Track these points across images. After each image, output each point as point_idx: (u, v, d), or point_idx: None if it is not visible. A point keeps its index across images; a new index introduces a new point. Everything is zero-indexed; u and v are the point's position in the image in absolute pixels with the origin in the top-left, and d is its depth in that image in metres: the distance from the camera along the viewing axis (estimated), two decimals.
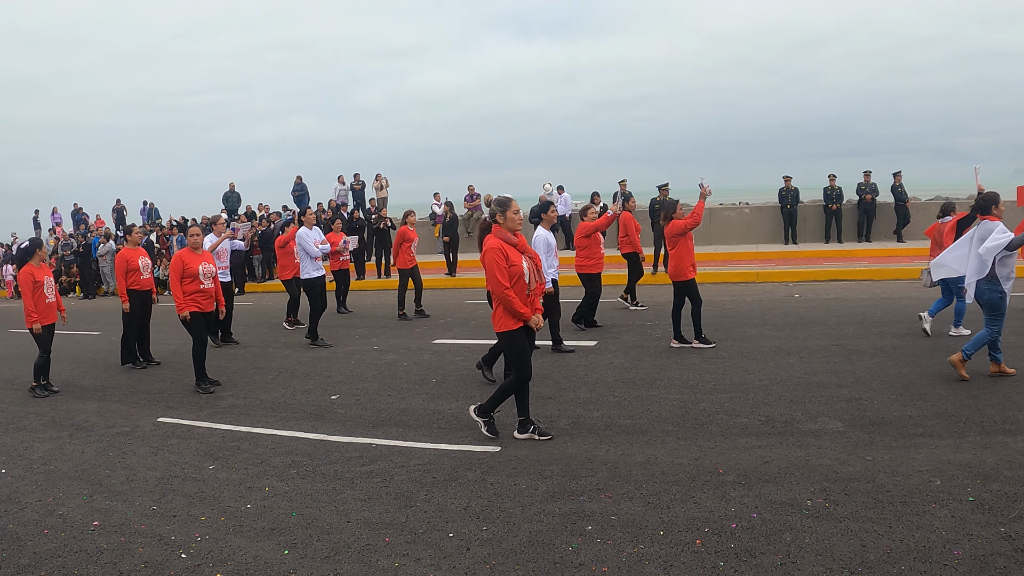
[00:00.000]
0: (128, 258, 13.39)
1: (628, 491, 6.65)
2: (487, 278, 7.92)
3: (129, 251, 13.53)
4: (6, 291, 33.53)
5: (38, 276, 11.48)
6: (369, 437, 8.57)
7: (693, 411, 8.79)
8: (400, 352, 13.14)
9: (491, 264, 7.76)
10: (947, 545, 5.45)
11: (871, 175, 25.50)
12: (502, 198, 8.06)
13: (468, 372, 11.06)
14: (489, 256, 7.80)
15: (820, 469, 6.90)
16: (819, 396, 9.13)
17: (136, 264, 13.37)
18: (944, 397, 8.88)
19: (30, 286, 11.40)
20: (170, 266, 11.50)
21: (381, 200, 30.39)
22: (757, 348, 11.87)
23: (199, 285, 11.50)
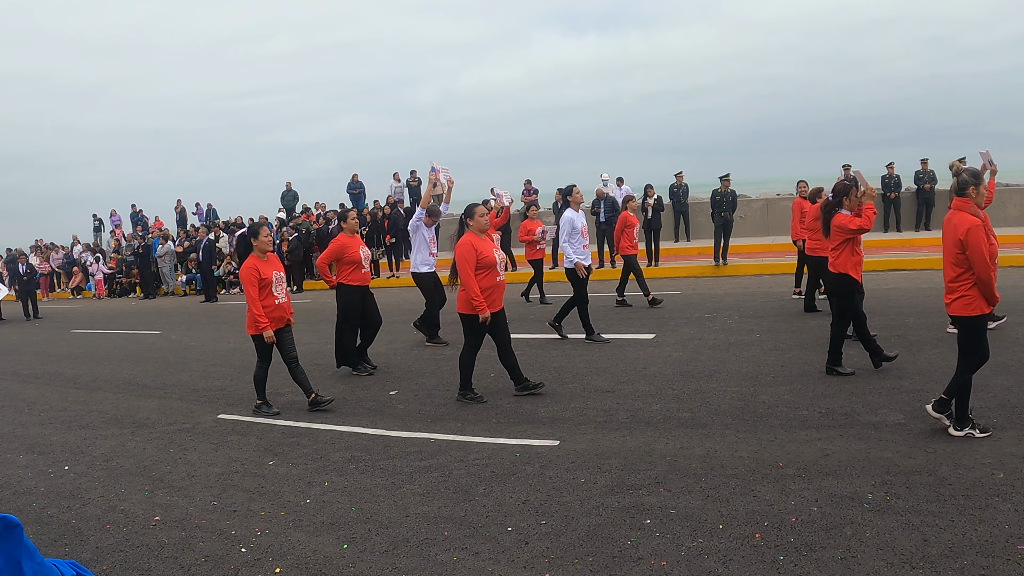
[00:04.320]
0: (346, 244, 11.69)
1: (687, 484, 6.64)
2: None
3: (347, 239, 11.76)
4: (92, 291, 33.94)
5: (264, 272, 9.59)
6: (428, 432, 8.63)
7: (752, 404, 8.75)
8: (457, 347, 13.15)
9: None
10: (1010, 539, 5.38)
11: (928, 163, 25.21)
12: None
13: (525, 367, 11.06)
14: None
15: (881, 462, 6.83)
16: (880, 388, 9.04)
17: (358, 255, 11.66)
18: (1006, 388, 8.75)
19: (255, 283, 9.55)
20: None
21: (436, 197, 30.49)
22: (817, 339, 11.77)
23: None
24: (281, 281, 9.76)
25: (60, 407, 11.28)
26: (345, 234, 11.68)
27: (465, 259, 9.26)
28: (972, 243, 6.98)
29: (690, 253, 24.40)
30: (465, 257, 9.27)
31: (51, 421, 10.46)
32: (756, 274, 20.58)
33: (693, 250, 24.74)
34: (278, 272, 9.75)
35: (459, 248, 9.37)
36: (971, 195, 7.22)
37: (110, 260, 34.72)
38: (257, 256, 9.62)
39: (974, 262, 7.01)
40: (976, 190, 7.21)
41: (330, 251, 11.58)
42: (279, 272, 9.78)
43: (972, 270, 7.05)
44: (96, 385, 12.70)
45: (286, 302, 9.84)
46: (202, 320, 20.87)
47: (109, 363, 14.75)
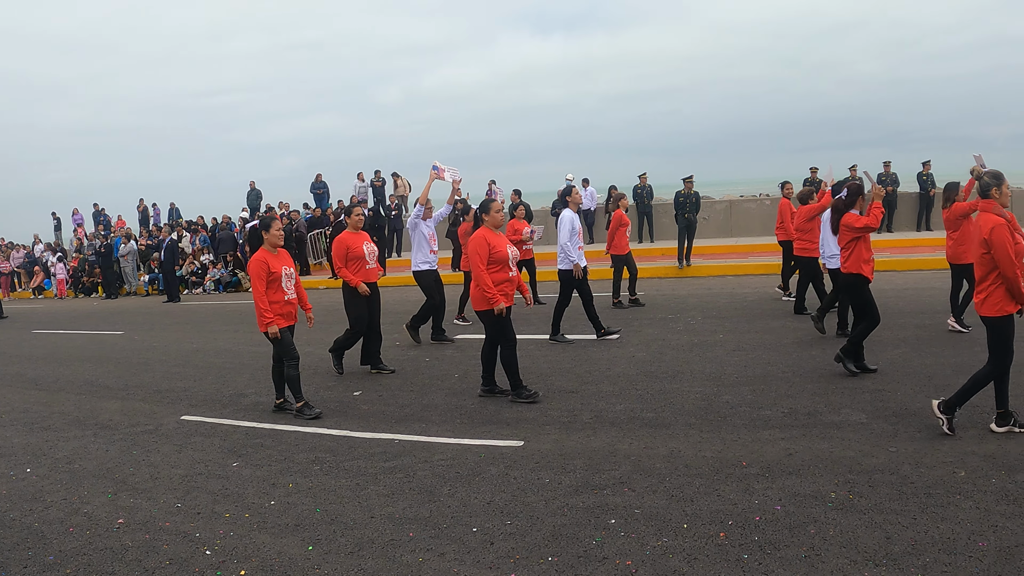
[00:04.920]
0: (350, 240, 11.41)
1: (651, 484, 6.65)
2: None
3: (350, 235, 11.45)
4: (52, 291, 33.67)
5: (274, 266, 9.33)
6: (392, 433, 8.60)
7: (716, 404, 8.79)
8: (422, 348, 13.18)
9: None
10: (972, 537, 5.43)
11: (891, 165, 25.49)
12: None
13: None
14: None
15: (844, 461, 6.88)
16: (842, 387, 9.12)
17: (362, 251, 11.32)
18: None
19: (263, 277, 9.27)
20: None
21: (401, 198, 30.50)
22: (780, 340, 11.87)
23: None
24: (291, 276, 9.54)
25: (21, 408, 11.15)
26: (349, 230, 11.44)
27: (477, 253, 9.24)
28: (997, 242, 7.06)
29: (654, 254, 24.45)
30: (477, 251, 9.25)
31: (12, 423, 10.33)
32: (719, 275, 20.67)
33: (657, 251, 24.81)
34: (288, 267, 9.52)
35: (472, 242, 9.38)
36: (995, 196, 7.36)
37: (72, 259, 34.43)
38: (267, 250, 9.42)
39: (999, 261, 7.08)
40: (999, 191, 7.35)
41: (336, 251, 11.35)
42: (289, 267, 9.56)
43: (998, 270, 7.12)
44: (58, 386, 12.56)
45: (295, 298, 9.64)
46: (165, 321, 20.72)
47: (71, 364, 14.60)
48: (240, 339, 15.71)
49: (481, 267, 9.20)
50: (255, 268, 9.23)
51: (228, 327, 18.13)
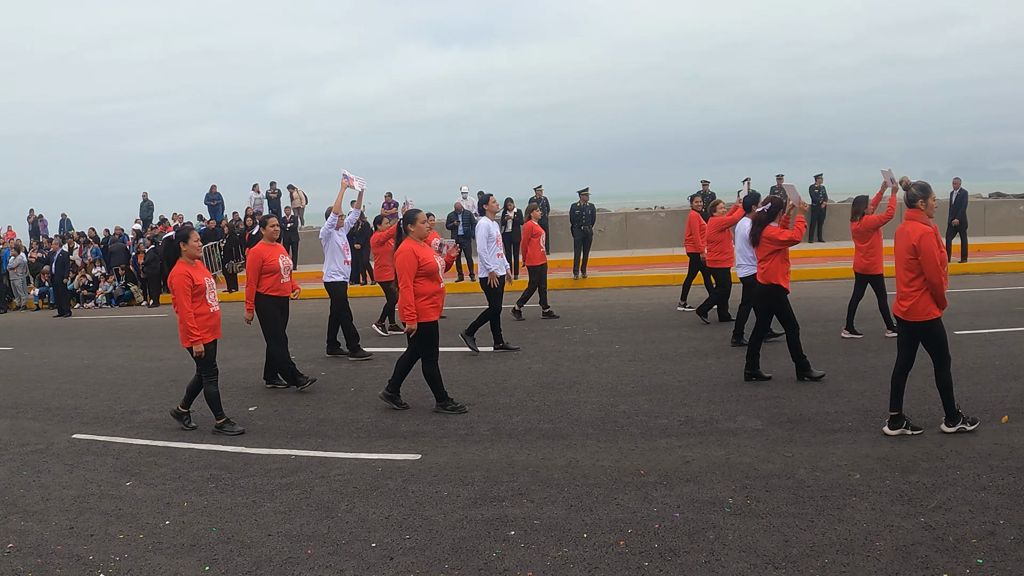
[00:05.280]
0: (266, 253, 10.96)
1: (550, 495, 6.62)
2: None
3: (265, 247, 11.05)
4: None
5: (197, 278, 8.94)
6: (288, 448, 8.43)
7: (613, 414, 8.80)
8: (317, 361, 12.97)
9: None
10: (869, 537, 5.52)
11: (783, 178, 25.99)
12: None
13: (385, 380, 10.91)
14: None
15: (741, 467, 6.94)
16: (738, 395, 9.22)
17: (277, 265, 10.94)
18: (860, 393, 9.03)
19: (187, 291, 8.88)
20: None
21: (297, 210, 30.22)
22: (676, 350, 11.96)
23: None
24: (213, 288, 9.17)
25: None
26: (264, 242, 11.04)
27: (405, 267, 8.99)
28: (924, 249, 7.29)
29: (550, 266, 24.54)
30: (405, 265, 8.99)
31: None
32: (615, 287, 20.84)
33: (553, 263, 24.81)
34: (209, 279, 9.15)
35: (399, 256, 9.10)
36: (921, 207, 7.53)
37: None
38: (186, 262, 8.98)
39: (926, 267, 7.31)
40: (925, 202, 7.53)
41: (251, 263, 10.90)
42: (210, 279, 9.18)
43: (924, 275, 7.36)
44: None
45: (219, 310, 9.23)
46: (55, 336, 20.13)
47: None
48: (133, 355, 15.30)
49: (408, 282, 8.97)
50: (179, 282, 8.85)
51: (121, 342, 17.66)
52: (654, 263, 23.82)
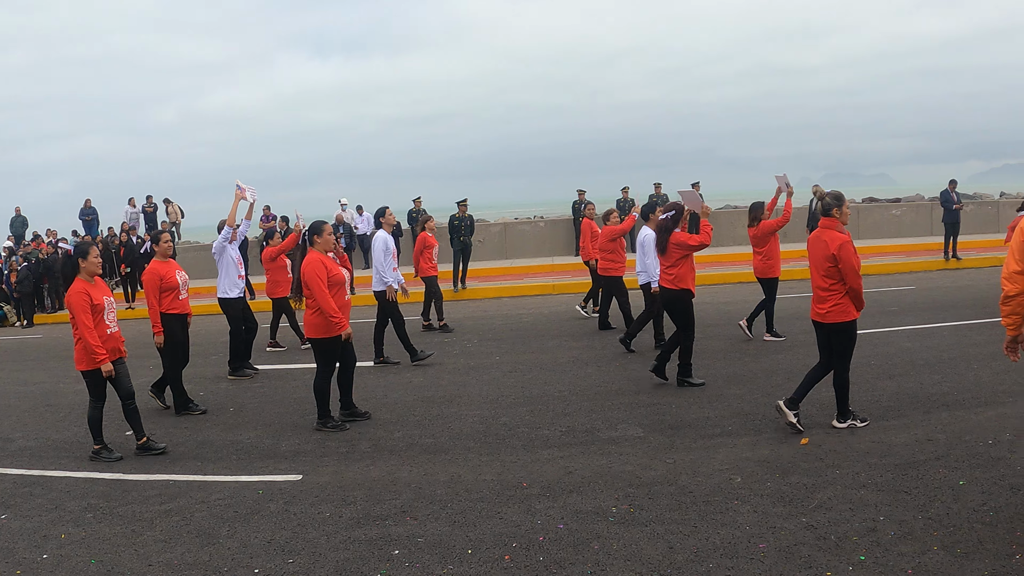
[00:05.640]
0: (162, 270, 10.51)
1: (434, 511, 6.51)
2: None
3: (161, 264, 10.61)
4: None
5: (96, 296, 8.48)
6: (167, 473, 8.12)
7: (495, 426, 8.73)
8: (195, 381, 12.59)
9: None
10: (752, 539, 5.55)
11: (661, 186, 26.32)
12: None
13: (265, 400, 10.68)
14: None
15: (623, 475, 6.93)
16: (619, 403, 9.23)
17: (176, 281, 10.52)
18: (739, 397, 9.13)
19: (87, 309, 8.44)
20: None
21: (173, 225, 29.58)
22: (556, 359, 11.96)
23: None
24: (112, 307, 8.73)
25: None
26: (158, 259, 10.58)
27: (317, 276, 8.82)
28: (844, 257, 7.55)
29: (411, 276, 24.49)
30: (317, 274, 8.83)
31: None
32: (495, 297, 20.79)
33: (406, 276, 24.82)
34: (108, 297, 8.70)
35: (308, 266, 8.92)
36: (836, 215, 7.77)
37: None
38: (85, 279, 8.53)
39: (846, 274, 7.58)
40: (839, 211, 7.75)
41: (149, 282, 10.40)
42: (109, 297, 8.73)
43: (843, 281, 7.63)
44: None
45: (118, 331, 8.74)
46: None
47: None
48: (6, 378, 14.62)
49: (324, 289, 8.82)
50: (77, 300, 8.39)
51: None
52: (534, 273, 23.90)
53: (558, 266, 24.78)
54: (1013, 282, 5.56)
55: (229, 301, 12.42)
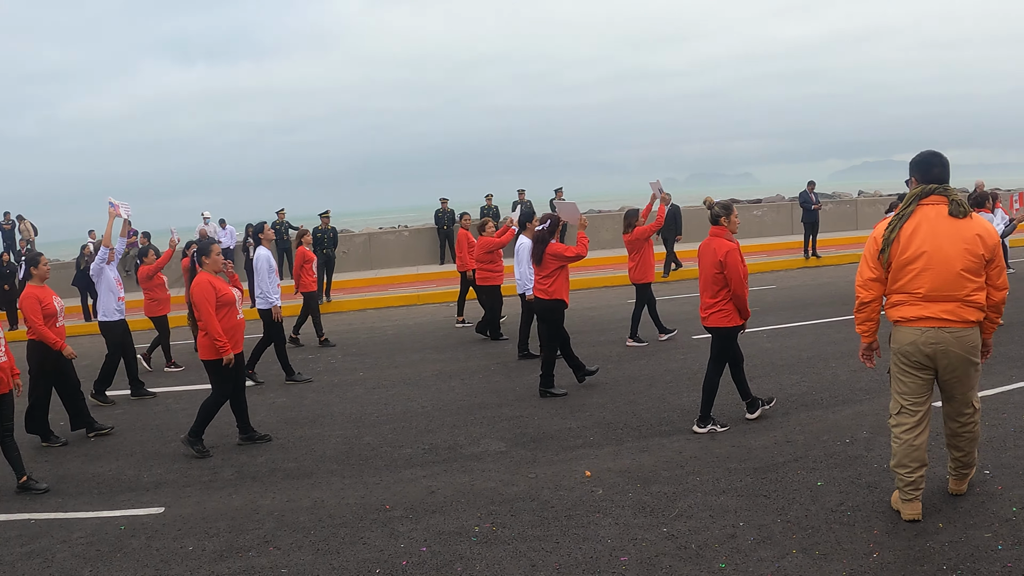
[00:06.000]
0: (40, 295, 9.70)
1: (297, 540, 6.36)
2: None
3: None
4: None
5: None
6: (26, 512, 7.68)
7: (357, 446, 8.60)
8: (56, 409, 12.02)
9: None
10: (614, 552, 5.55)
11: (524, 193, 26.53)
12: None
13: (125, 426, 10.30)
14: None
15: (485, 493, 6.89)
16: (481, 417, 9.20)
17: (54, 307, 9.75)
18: (601, 406, 9.17)
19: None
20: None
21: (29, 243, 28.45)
22: (419, 373, 11.87)
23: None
24: (1, 336, 8.16)
25: None
26: (35, 283, 9.69)
27: (205, 299, 8.68)
28: (730, 264, 7.84)
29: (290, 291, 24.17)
30: (205, 296, 8.69)
31: None
32: (360, 309, 20.57)
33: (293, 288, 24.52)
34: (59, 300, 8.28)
35: (196, 288, 8.77)
36: (724, 224, 8.10)
37: None
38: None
39: (731, 280, 7.86)
40: (728, 219, 8.04)
41: (30, 308, 9.59)
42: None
43: (728, 287, 7.91)
44: None
45: (6, 362, 8.13)
46: None
47: None
48: None
49: (211, 312, 8.68)
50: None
51: None
52: (399, 283, 23.76)
53: (423, 275, 24.70)
54: (868, 289, 5.70)
55: (110, 324, 11.88)
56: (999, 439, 7.16)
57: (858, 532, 5.59)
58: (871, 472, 6.65)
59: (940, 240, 5.38)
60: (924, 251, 5.41)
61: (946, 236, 5.38)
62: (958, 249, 5.36)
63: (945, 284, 5.39)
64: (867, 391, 9.04)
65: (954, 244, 5.37)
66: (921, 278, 5.43)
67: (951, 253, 5.37)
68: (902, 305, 5.57)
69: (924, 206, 5.49)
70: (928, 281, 5.42)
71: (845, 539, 5.50)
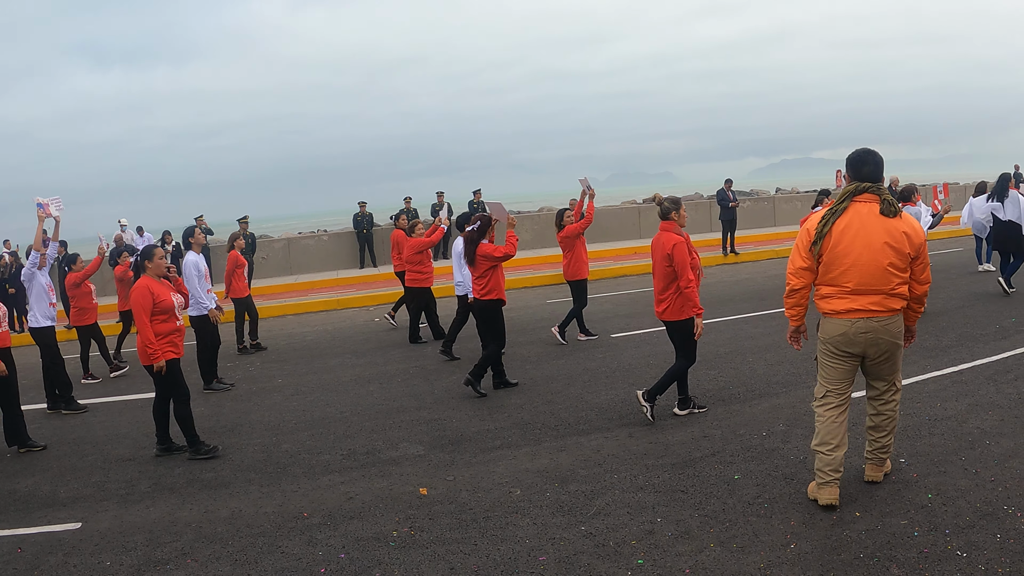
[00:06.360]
0: None
1: (215, 551, 6.26)
2: None
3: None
4: None
5: None
6: None
7: (276, 454, 8.50)
8: None
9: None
10: (532, 553, 5.55)
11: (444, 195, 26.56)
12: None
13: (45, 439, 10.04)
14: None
15: (404, 497, 6.86)
16: (400, 421, 9.17)
17: None
18: (519, 407, 9.18)
19: None
20: None
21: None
22: (338, 379, 11.79)
23: None
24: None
25: None
26: None
27: (140, 304, 8.57)
28: (677, 256, 8.02)
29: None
30: (140, 303, 8.57)
31: None
32: (279, 315, 20.38)
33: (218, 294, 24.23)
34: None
35: (135, 292, 8.68)
36: (674, 218, 8.25)
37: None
38: None
39: (680, 273, 8.03)
40: (677, 214, 8.26)
41: None
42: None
43: (677, 281, 8.08)
44: None
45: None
46: None
47: None
48: None
49: (145, 319, 8.57)
50: None
51: None
52: (319, 288, 23.62)
53: (342, 280, 24.59)
54: (799, 277, 5.88)
55: (43, 331, 11.64)
56: (914, 428, 7.33)
57: (775, 524, 5.67)
58: (788, 464, 6.75)
59: (870, 237, 5.61)
60: (854, 248, 5.63)
61: (876, 233, 5.61)
62: (886, 247, 5.60)
63: (872, 279, 5.63)
64: (783, 384, 9.17)
65: (882, 241, 5.60)
66: (850, 273, 5.66)
67: (879, 250, 5.60)
68: (831, 298, 5.80)
69: (857, 203, 5.70)
70: (856, 276, 5.65)
71: (763, 531, 5.57)
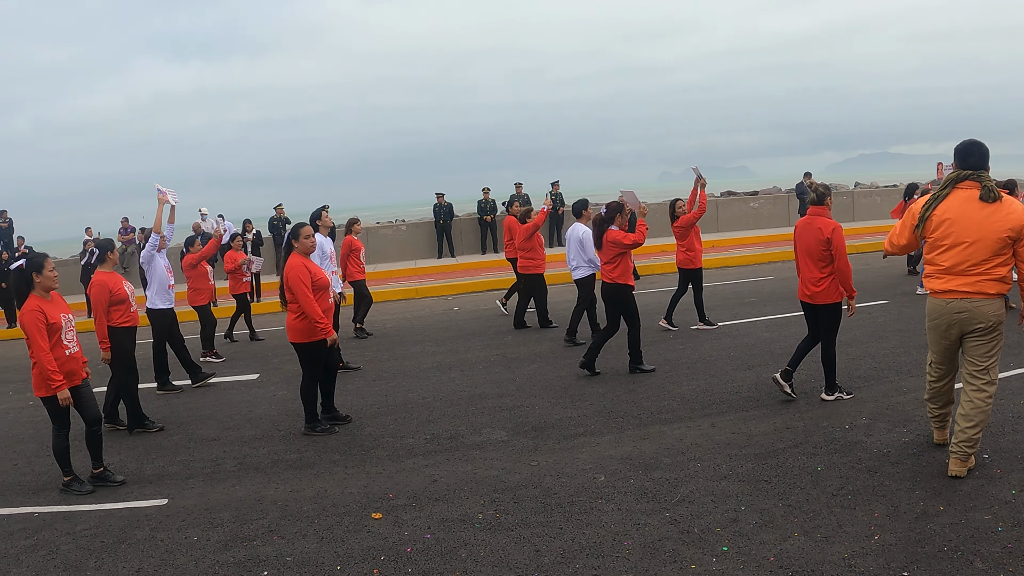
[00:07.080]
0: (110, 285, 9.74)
1: (301, 528, 6.39)
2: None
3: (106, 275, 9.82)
4: None
5: (52, 315, 7.70)
6: (30, 505, 7.72)
7: (359, 437, 8.62)
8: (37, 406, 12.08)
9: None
10: (617, 537, 5.58)
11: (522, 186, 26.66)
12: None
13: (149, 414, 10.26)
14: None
15: (488, 481, 6.93)
16: (482, 408, 9.23)
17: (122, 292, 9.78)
18: (601, 395, 9.20)
19: (42, 330, 7.58)
20: None
21: None
22: (419, 366, 11.89)
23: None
24: (71, 325, 7.90)
25: None
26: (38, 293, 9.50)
27: (301, 280, 8.65)
28: (836, 241, 8.13)
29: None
30: (300, 278, 8.65)
31: None
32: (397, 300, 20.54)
33: None
34: (67, 315, 7.85)
35: (292, 270, 8.74)
36: (828, 204, 8.37)
37: None
38: (40, 295, 7.74)
39: (838, 258, 8.13)
40: (830, 199, 8.38)
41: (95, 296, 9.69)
42: (68, 315, 7.87)
43: (834, 264, 8.18)
44: None
45: (78, 351, 7.93)
46: None
47: None
48: None
49: (308, 294, 8.64)
50: (31, 320, 7.60)
51: None
52: (397, 277, 23.77)
53: (420, 269, 24.72)
54: (894, 247, 6.58)
55: (158, 313, 11.84)
56: (998, 424, 7.25)
57: (859, 515, 5.65)
58: (871, 457, 6.72)
59: (968, 221, 5.90)
60: (952, 231, 5.95)
61: (973, 218, 5.89)
62: (984, 230, 5.86)
63: (967, 261, 5.93)
64: (865, 378, 9.11)
65: (981, 225, 5.86)
66: (947, 255, 6.00)
67: (977, 233, 5.87)
68: (931, 277, 6.18)
69: (959, 189, 6.01)
70: (952, 258, 5.97)
71: (846, 522, 5.55)
